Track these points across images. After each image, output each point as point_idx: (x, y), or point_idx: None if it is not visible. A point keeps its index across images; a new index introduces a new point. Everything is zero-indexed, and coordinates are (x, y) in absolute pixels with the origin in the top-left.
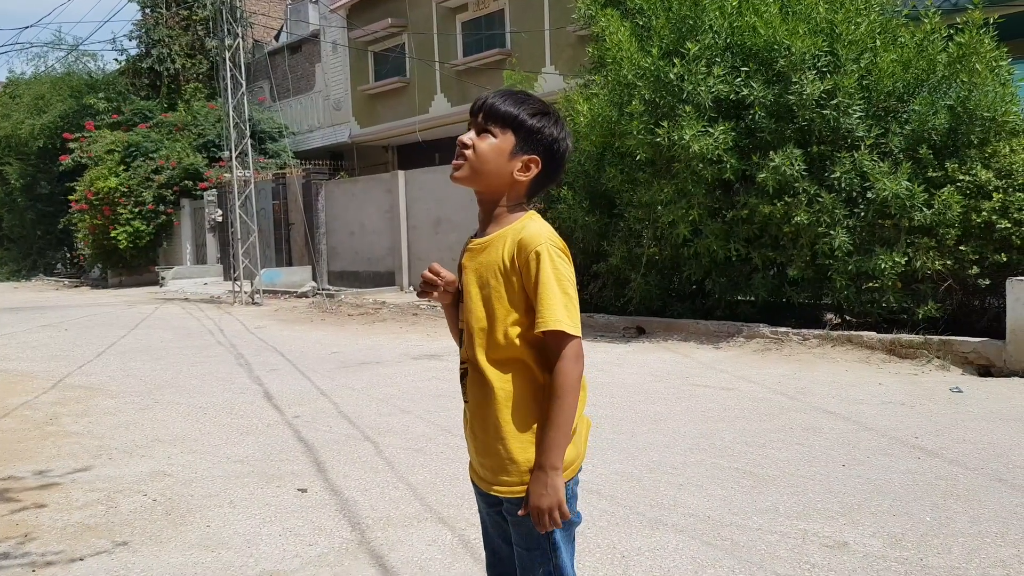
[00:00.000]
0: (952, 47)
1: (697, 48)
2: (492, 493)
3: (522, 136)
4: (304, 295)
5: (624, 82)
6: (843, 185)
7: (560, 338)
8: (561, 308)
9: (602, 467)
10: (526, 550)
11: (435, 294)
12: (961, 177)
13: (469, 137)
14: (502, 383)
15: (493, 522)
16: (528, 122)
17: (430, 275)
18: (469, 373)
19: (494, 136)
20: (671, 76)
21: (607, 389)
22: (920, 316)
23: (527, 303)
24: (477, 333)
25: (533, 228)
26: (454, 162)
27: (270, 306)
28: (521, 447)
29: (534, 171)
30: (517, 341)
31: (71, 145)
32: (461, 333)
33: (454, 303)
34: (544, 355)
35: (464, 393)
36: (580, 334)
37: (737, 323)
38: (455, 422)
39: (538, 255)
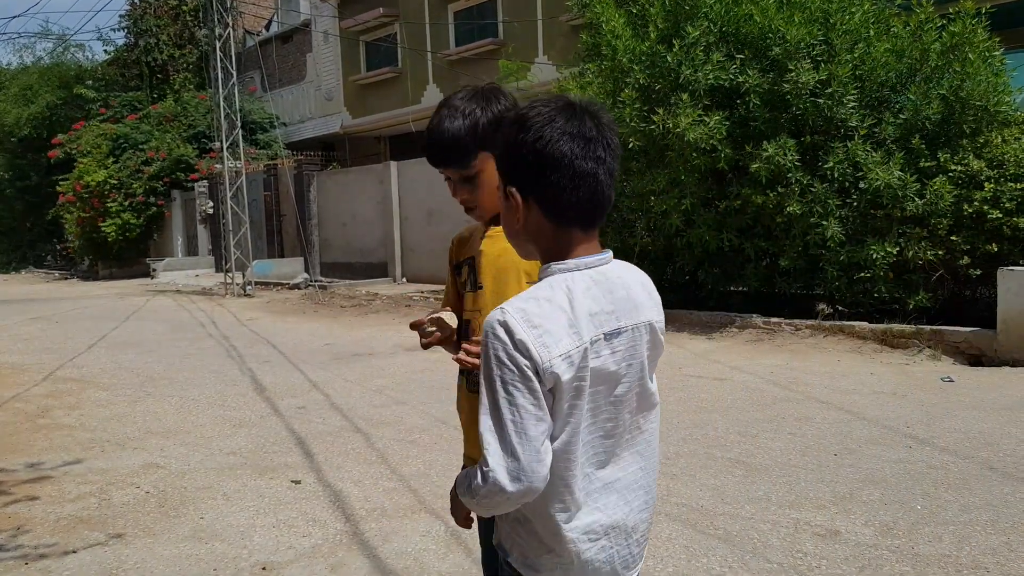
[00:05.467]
0: (946, 35)
1: (696, 33)
2: None
3: (490, 143)
4: (296, 287)
5: (619, 69)
6: (836, 175)
7: None
8: None
9: None
10: None
11: (436, 337)
12: (953, 167)
13: (463, 198)
14: None
15: (486, 520)
16: (486, 127)
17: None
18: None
19: (475, 174)
20: (668, 60)
21: None
22: (911, 306)
23: None
24: None
25: None
26: (465, 209)
27: (262, 298)
28: None
29: None
30: None
31: (60, 137)
32: (464, 324)
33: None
34: None
35: (469, 384)
36: None
37: (730, 313)
38: (449, 413)
39: None
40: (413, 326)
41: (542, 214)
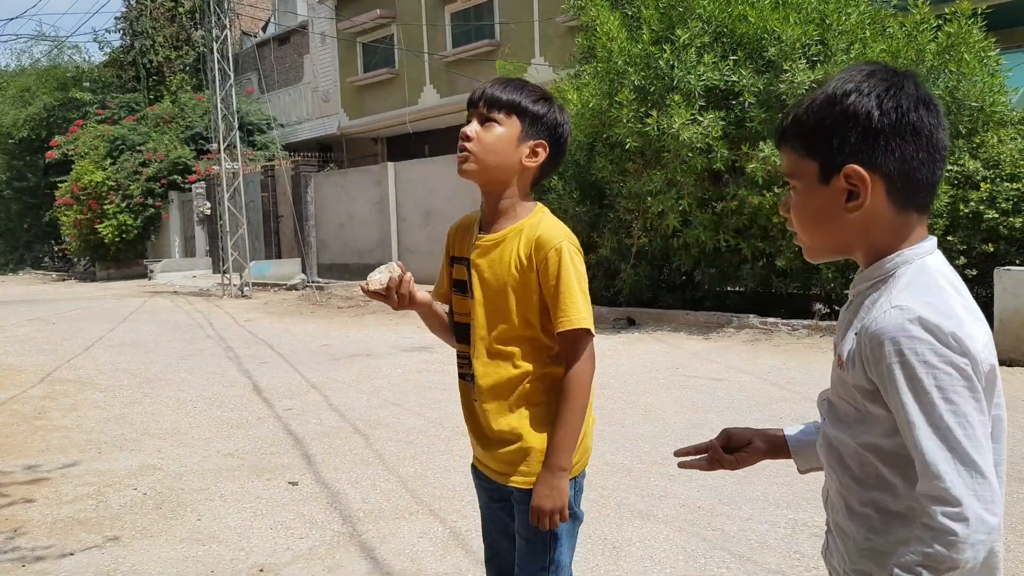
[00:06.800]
0: (942, 36)
1: (687, 35)
2: (509, 485)
3: (528, 121)
4: (294, 287)
5: (614, 71)
6: None
7: (581, 337)
8: (583, 307)
9: (593, 458)
10: (527, 541)
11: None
12: (949, 167)
13: (472, 129)
14: (521, 376)
15: (493, 517)
16: (533, 106)
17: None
18: (480, 369)
19: (499, 124)
20: (661, 63)
21: (597, 380)
22: None
23: (542, 299)
24: (493, 328)
25: (549, 224)
26: (459, 155)
27: (259, 299)
28: (540, 437)
29: (542, 156)
30: (534, 335)
31: (58, 139)
32: (459, 326)
33: (428, 308)
34: (556, 348)
35: (472, 388)
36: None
37: (727, 314)
38: (446, 414)
39: (558, 252)
40: (370, 293)
41: (885, 197)
